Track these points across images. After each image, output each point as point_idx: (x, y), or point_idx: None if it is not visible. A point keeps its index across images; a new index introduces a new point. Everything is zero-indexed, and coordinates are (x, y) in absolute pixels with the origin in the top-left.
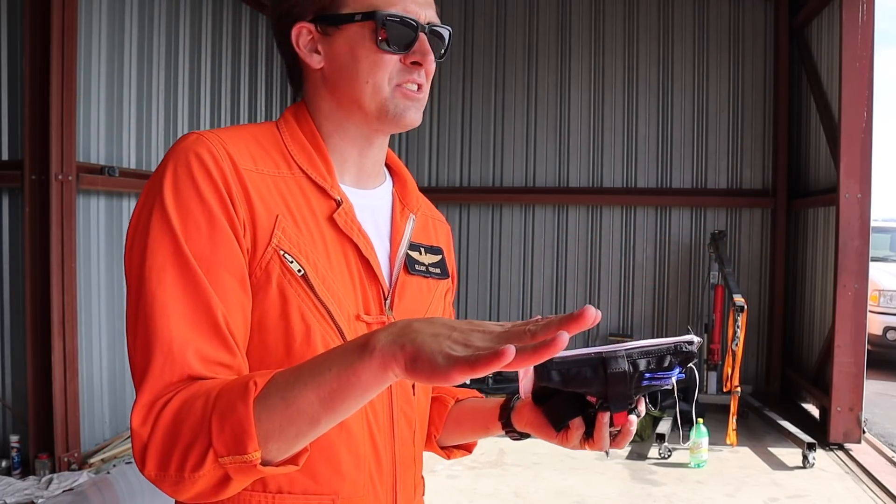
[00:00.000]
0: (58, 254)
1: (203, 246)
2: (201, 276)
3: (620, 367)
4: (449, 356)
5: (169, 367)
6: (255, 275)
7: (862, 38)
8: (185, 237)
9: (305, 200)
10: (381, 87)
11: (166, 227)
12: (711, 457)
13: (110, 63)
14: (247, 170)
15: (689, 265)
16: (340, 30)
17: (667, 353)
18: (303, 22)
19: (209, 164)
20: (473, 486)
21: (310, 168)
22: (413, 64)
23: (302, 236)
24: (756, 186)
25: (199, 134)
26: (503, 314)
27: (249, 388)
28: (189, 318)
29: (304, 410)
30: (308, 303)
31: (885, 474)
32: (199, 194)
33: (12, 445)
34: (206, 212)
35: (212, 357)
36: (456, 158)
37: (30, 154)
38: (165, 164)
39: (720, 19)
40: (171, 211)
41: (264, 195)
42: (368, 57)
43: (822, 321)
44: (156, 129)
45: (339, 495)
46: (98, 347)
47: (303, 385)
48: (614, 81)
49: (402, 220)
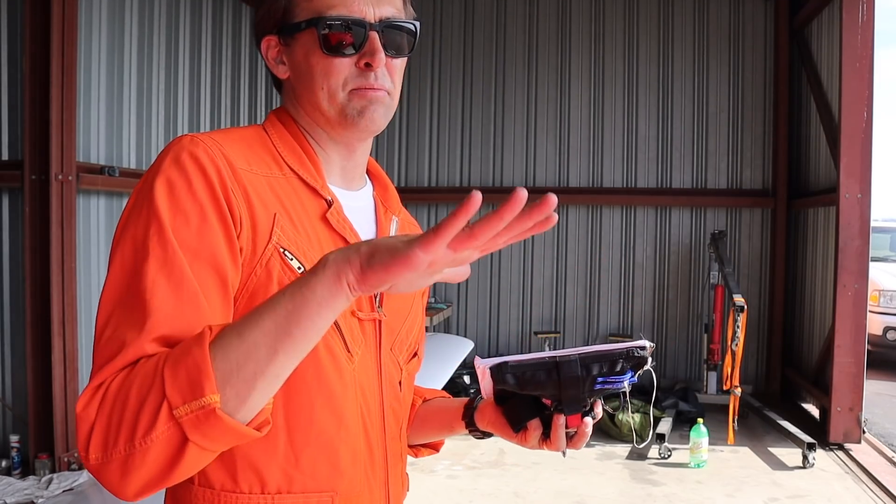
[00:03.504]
0: (58, 254)
1: (191, 238)
2: (184, 265)
3: (573, 372)
4: (409, 238)
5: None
6: (255, 272)
7: (862, 38)
8: (174, 230)
9: (299, 200)
10: (335, 92)
11: (157, 220)
12: (711, 457)
13: (110, 63)
14: (243, 170)
15: (689, 265)
16: (296, 39)
17: (619, 357)
18: (269, 35)
19: (205, 163)
20: (473, 486)
21: (300, 169)
22: (366, 65)
23: (299, 235)
24: (756, 186)
25: (193, 136)
26: (503, 314)
27: (204, 333)
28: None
29: (261, 342)
30: None
31: (885, 474)
32: (193, 194)
33: (12, 445)
34: (199, 209)
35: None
36: (456, 158)
37: (30, 154)
38: (160, 163)
39: (720, 19)
40: (162, 206)
41: (261, 194)
42: (319, 63)
43: (822, 321)
44: (156, 129)
45: (338, 492)
46: None
47: (258, 316)
48: (614, 81)
49: (386, 221)
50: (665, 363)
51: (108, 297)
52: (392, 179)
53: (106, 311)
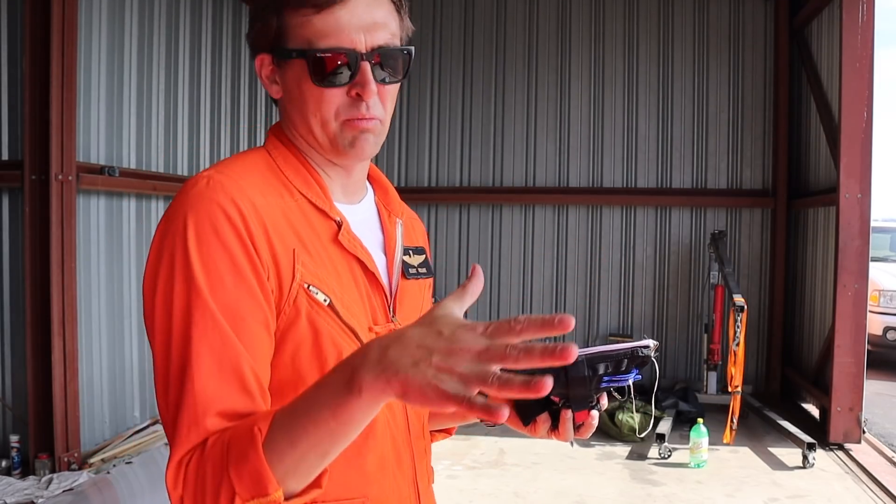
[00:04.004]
0: (58, 254)
1: (229, 297)
2: (227, 329)
3: (581, 372)
4: (438, 390)
5: (195, 430)
6: (284, 312)
7: (862, 38)
8: (210, 290)
9: (310, 226)
10: (327, 122)
11: (191, 281)
12: (711, 457)
13: (110, 63)
14: (261, 206)
15: (689, 265)
16: (288, 63)
17: (624, 357)
18: (263, 53)
19: (230, 212)
20: (473, 486)
21: (309, 192)
22: (357, 96)
23: (317, 264)
24: (756, 186)
25: (210, 178)
26: (503, 314)
27: (256, 436)
28: (214, 375)
29: (311, 449)
30: (336, 328)
31: (885, 474)
32: (223, 245)
33: (12, 445)
34: (231, 262)
35: (234, 411)
36: (456, 158)
37: (30, 154)
38: (185, 213)
39: (720, 19)
40: (195, 265)
41: (280, 230)
42: (311, 92)
43: (822, 321)
44: (156, 129)
45: (368, 497)
46: (98, 347)
47: (303, 427)
48: (614, 81)
49: (391, 227)
50: (665, 363)
51: (161, 366)
52: (392, 179)
53: (162, 382)
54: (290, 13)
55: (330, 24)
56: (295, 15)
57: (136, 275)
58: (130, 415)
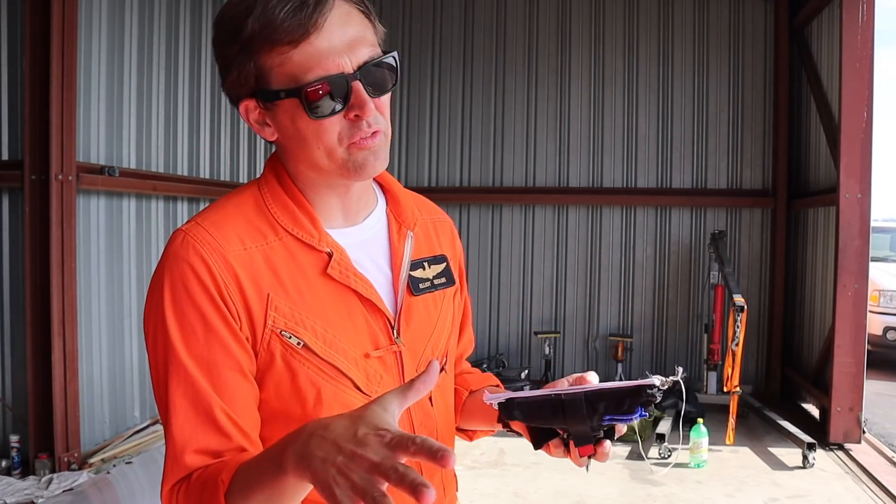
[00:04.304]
0: (58, 254)
1: (200, 349)
2: (198, 379)
3: (579, 410)
4: (332, 493)
5: (176, 466)
6: (260, 356)
7: (862, 38)
8: (184, 345)
9: (296, 263)
10: (333, 150)
11: (167, 338)
12: (711, 457)
13: (110, 63)
14: (235, 255)
15: (689, 265)
16: (277, 105)
17: (625, 396)
18: (246, 99)
19: (200, 271)
20: (473, 486)
21: (295, 228)
22: (356, 117)
23: (295, 305)
24: (756, 186)
25: (185, 234)
26: (503, 314)
27: (218, 487)
28: (189, 420)
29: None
30: (314, 368)
31: (885, 474)
32: (193, 303)
33: (12, 445)
34: (201, 318)
35: (210, 449)
36: (456, 158)
37: (30, 154)
38: (162, 273)
39: (720, 19)
40: (170, 322)
41: (255, 276)
42: (309, 126)
43: (822, 321)
44: (156, 129)
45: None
46: (98, 347)
47: (251, 488)
48: (614, 81)
49: (399, 241)
50: (665, 363)
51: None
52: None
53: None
54: (265, 55)
55: (310, 54)
56: (271, 55)
57: (136, 275)
58: (130, 415)
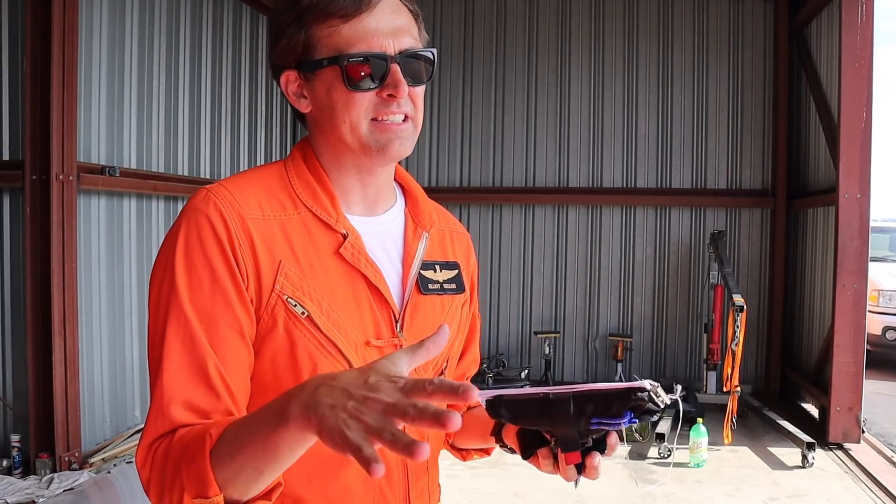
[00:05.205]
0: (58, 254)
1: (204, 302)
2: (197, 330)
3: (566, 410)
4: (343, 435)
5: (161, 418)
6: (262, 320)
7: (861, 38)
8: (188, 294)
9: (311, 238)
10: (357, 124)
11: (173, 285)
12: (711, 457)
13: (111, 63)
14: (253, 219)
15: (688, 265)
16: (317, 74)
17: (614, 398)
18: (288, 70)
19: (216, 225)
20: (473, 486)
21: (314, 205)
22: (389, 97)
23: (305, 277)
24: (755, 186)
25: (208, 191)
26: (503, 314)
27: (206, 441)
28: (182, 370)
29: (247, 464)
30: (314, 341)
31: (885, 474)
32: (205, 254)
33: (13, 445)
34: (210, 271)
35: (198, 405)
36: (456, 158)
37: (31, 154)
38: (179, 224)
39: (720, 19)
40: (179, 270)
41: (269, 242)
42: (342, 98)
43: (821, 321)
44: (156, 129)
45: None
46: (98, 347)
47: (242, 444)
48: (614, 81)
49: (414, 240)
50: (665, 363)
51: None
52: None
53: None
54: (316, 26)
55: (358, 30)
56: (322, 27)
57: (136, 274)
58: (131, 414)
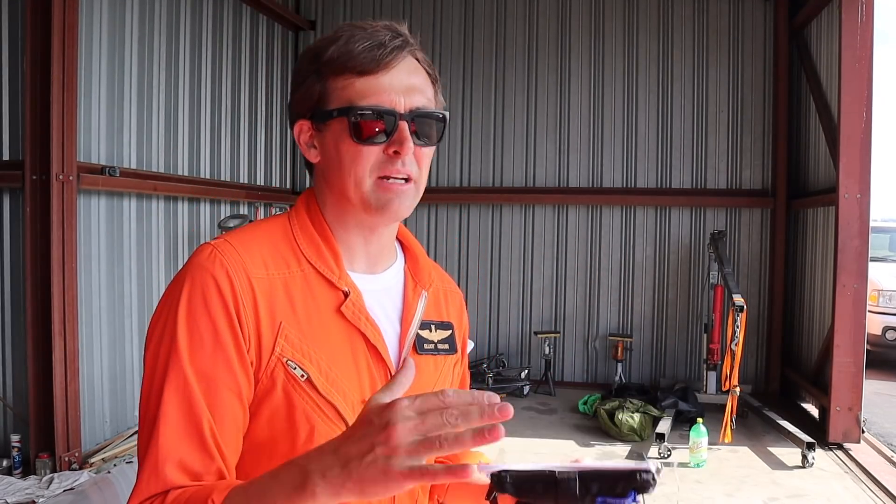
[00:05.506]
0: (58, 254)
1: (205, 363)
2: (195, 390)
3: (571, 489)
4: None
5: (154, 478)
6: (261, 381)
7: (861, 38)
8: (189, 353)
9: (312, 295)
10: (361, 179)
11: (173, 342)
12: (711, 456)
13: (111, 63)
14: (258, 278)
15: (688, 265)
16: (327, 125)
17: (620, 478)
18: (302, 119)
19: (222, 285)
20: None
21: (318, 261)
22: (394, 153)
23: (305, 338)
24: (755, 186)
25: (214, 247)
26: (503, 314)
27: None
28: (178, 430)
29: None
30: (312, 404)
31: (885, 474)
32: (209, 314)
33: (13, 445)
34: (212, 332)
35: (192, 467)
36: (456, 158)
37: (31, 154)
38: (183, 279)
39: (720, 19)
40: (181, 327)
41: (272, 302)
42: (349, 151)
43: (821, 321)
44: (156, 130)
45: None
46: (98, 347)
47: None
48: (614, 81)
49: (414, 298)
50: (665, 363)
51: (140, 414)
52: None
53: (139, 427)
54: (333, 78)
55: (372, 85)
56: (338, 79)
57: (136, 274)
58: (131, 414)
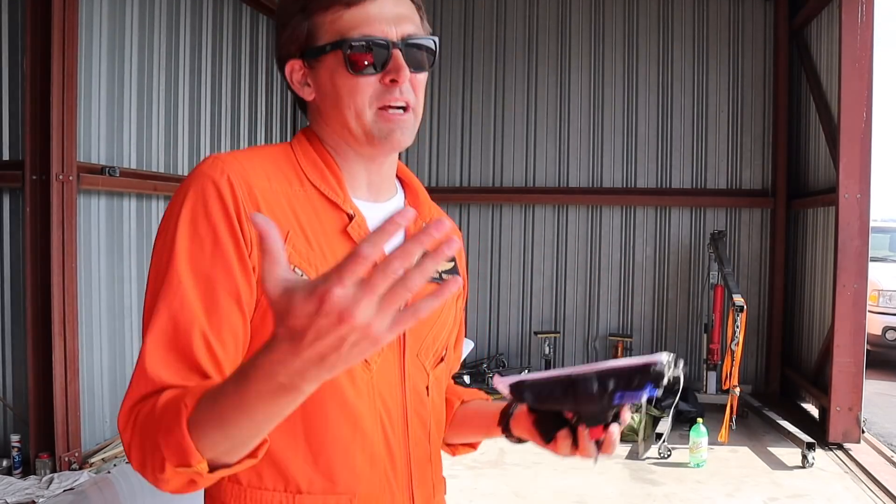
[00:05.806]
0: (58, 254)
1: (204, 265)
2: (190, 294)
3: (589, 389)
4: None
5: (143, 379)
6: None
7: (861, 38)
8: (187, 258)
9: (317, 215)
10: (362, 111)
11: (173, 248)
12: (711, 457)
13: (111, 63)
14: (261, 188)
15: (688, 265)
16: (320, 61)
17: (635, 372)
18: (293, 59)
19: (223, 190)
20: (473, 485)
21: (321, 184)
22: (391, 82)
23: (312, 251)
24: (755, 186)
25: (217, 157)
26: (503, 314)
27: (181, 411)
28: (166, 332)
29: (239, 433)
30: None
31: (885, 474)
32: (209, 219)
33: (13, 445)
34: (212, 235)
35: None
36: (456, 158)
37: (31, 154)
38: (185, 188)
39: (720, 19)
40: (181, 233)
41: (276, 213)
42: (345, 84)
43: (821, 321)
44: (156, 129)
45: (357, 494)
46: (98, 347)
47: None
48: (614, 81)
49: (416, 229)
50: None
51: (144, 307)
52: None
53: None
54: (319, 14)
55: (360, 16)
56: (325, 14)
57: (136, 274)
58: None
